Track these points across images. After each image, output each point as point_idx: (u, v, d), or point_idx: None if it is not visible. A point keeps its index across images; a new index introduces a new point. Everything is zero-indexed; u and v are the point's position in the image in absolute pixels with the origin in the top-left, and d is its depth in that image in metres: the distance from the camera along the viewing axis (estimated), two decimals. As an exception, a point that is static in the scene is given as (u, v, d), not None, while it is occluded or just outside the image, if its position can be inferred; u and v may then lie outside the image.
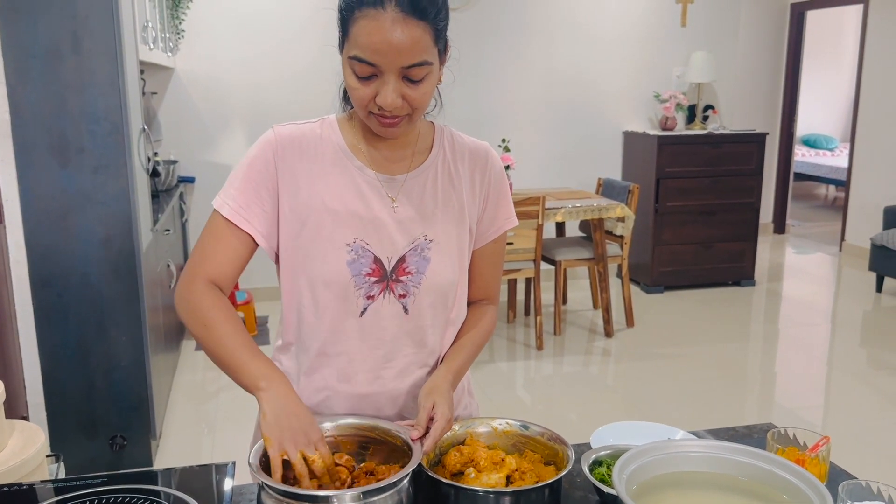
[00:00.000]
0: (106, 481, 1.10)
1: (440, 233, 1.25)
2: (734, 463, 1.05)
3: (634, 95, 5.73)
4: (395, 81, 1.09)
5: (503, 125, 5.43)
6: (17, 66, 2.51)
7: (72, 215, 2.64)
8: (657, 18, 5.65)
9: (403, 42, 1.06)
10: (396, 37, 1.05)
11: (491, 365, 4.18)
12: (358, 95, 1.12)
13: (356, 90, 1.12)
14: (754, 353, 4.46)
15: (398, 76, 1.09)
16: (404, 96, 1.11)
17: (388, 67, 1.08)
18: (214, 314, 1.17)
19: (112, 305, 2.75)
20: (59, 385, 2.74)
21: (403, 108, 1.13)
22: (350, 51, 1.10)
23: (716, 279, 5.62)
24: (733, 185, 5.49)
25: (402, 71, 1.09)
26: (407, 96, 1.11)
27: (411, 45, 1.07)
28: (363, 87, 1.11)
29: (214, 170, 4.98)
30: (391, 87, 1.09)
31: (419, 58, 1.08)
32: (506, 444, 1.22)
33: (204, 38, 4.81)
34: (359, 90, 1.12)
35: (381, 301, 1.23)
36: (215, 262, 1.20)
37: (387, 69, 1.08)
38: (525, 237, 4.21)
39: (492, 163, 1.32)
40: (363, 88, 1.11)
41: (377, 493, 1.00)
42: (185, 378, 3.95)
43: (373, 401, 1.26)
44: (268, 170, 1.21)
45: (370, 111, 1.14)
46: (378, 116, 1.14)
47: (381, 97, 1.10)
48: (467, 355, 1.30)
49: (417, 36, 1.07)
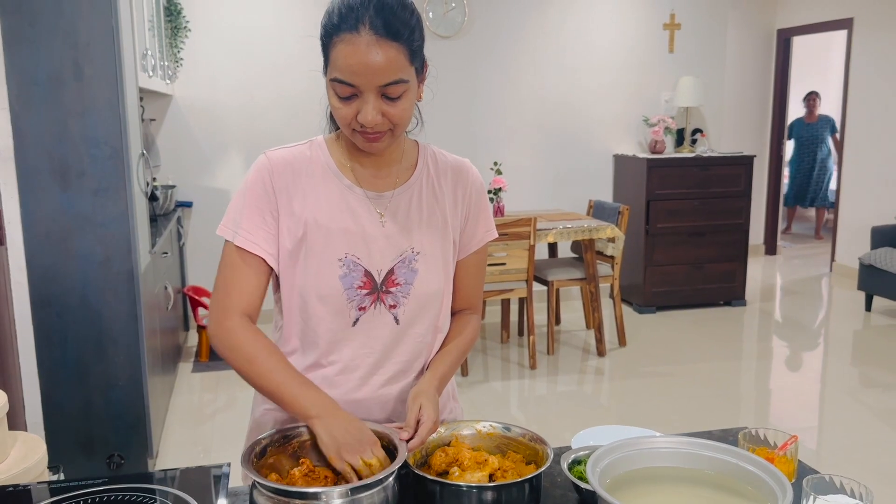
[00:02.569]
0: (106, 481, 1.15)
1: (426, 245, 1.31)
2: (703, 458, 1.10)
3: (624, 119, 5.84)
4: (375, 100, 1.17)
5: (496, 148, 5.53)
6: (20, 92, 2.59)
7: (72, 237, 2.71)
8: (645, 45, 5.78)
9: (379, 62, 1.13)
10: (372, 58, 1.13)
11: (485, 384, 4.23)
12: (341, 115, 1.20)
13: (339, 110, 1.20)
14: (746, 372, 4.51)
15: (377, 95, 1.16)
16: (384, 113, 1.18)
17: (367, 87, 1.15)
18: (256, 349, 1.24)
19: (111, 325, 2.80)
20: (58, 403, 2.79)
21: (384, 125, 1.20)
22: (331, 73, 1.18)
23: (707, 299, 5.68)
24: (723, 207, 5.58)
25: (379, 90, 1.16)
26: (387, 113, 1.18)
27: (386, 65, 1.14)
28: (345, 107, 1.19)
29: (212, 194, 5.06)
30: (371, 106, 1.17)
31: (395, 76, 1.15)
32: (489, 445, 1.28)
33: (201, 65, 4.92)
34: (341, 110, 1.19)
35: (373, 312, 1.29)
36: (240, 294, 1.27)
37: (365, 88, 1.16)
38: (517, 258, 4.28)
39: (472, 178, 1.39)
40: (345, 108, 1.19)
41: (364, 490, 1.05)
42: (181, 400, 3.98)
43: (363, 405, 1.32)
44: (266, 193, 1.27)
45: (354, 129, 1.21)
46: (361, 133, 1.21)
47: (362, 115, 1.17)
48: (452, 362, 1.36)
49: (392, 56, 1.14)
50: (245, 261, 1.27)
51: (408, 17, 1.16)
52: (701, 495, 1.07)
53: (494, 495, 1.11)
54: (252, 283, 1.27)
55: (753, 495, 1.03)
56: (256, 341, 1.25)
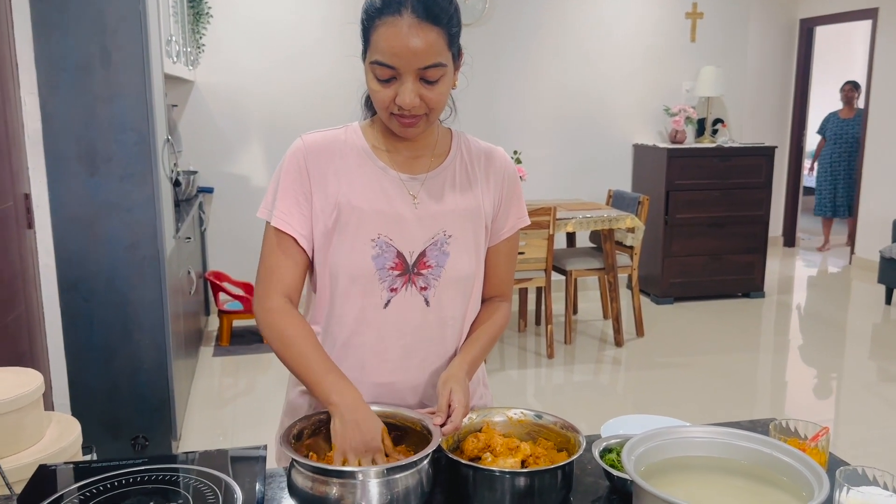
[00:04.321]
0: (146, 461, 1.17)
1: (458, 229, 1.33)
2: (737, 448, 1.11)
3: (644, 109, 5.81)
4: (413, 83, 1.19)
5: (516, 137, 5.52)
6: (48, 79, 2.62)
7: (99, 222, 2.74)
8: (667, 34, 5.74)
9: (419, 45, 1.16)
10: (412, 41, 1.15)
11: (502, 373, 4.24)
12: (379, 98, 1.22)
13: (378, 93, 1.21)
14: (764, 364, 4.50)
15: (415, 78, 1.19)
16: (421, 97, 1.20)
17: (406, 69, 1.17)
18: (291, 332, 1.27)
19: (136, 309, 2.83)
20: (85, 386, 2.83)
21: (421, 108, 1.22)
22: (371, 56, 1.20)
23: (725, 291, 5.66)
24: (743, 198, 5.55)
25: (418, 72, 1.18)
26: (424, 97, 1.20)
27: (426, 48, 1.16)
28: (384, 90, 1.21)
29: (232, 181, 5.09)
30: (409, 88, 1.19)
31: (434, 59, 1.18)
32: (520, 432, 1.29)
33: (223, 52, 4.93)
34: (380, 93, 1.21)
35: (404, 293, 1.31)
36: (279, 275, 1.30)
37: (405, 71, 1.18)
38: (536, 247, 4.27)
39: (505, 165, 1.40)
40: (384, 91, 1.21)
41: (399, 471, 1.07)
42: (203, 383, 4.03)
43: (395, 389, 1.34)
44: (301, 175, 1.29)
45: (391, 112, 1.23)
46: (398, 117, 1.23)
47: (401, 97, 1.19)
48: (482, 347, 1.37)
49: (431, 40, 1.16)
50: (282, 242, 1.30)
51: (447, 4, 1.19)
52: (735, 485, 1.08)
53: (527, 481, 1.12)
54: (290, 264, 1.30)
55: (788, 486, 1.03)
56: (292, 324, 1.27)
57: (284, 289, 1.30)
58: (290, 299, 1.30)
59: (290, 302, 1.30)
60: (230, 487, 1.10)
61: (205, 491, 1.09)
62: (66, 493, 1.08)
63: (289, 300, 1.30)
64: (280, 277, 1.30)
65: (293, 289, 1.31)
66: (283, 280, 1.30)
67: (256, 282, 1.33)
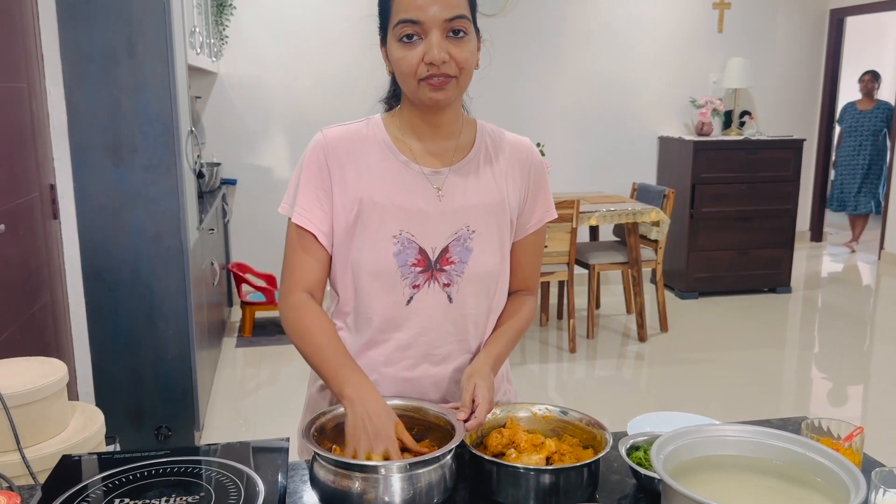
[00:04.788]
0: (168, 453, 1.17)
1: (482, 224, 1.30)
2: (770, 447, 1.08)
3: (670, 101, 5.74)
4: (440, 38, 1.17)
5: (539, 129, 5.47)
6: (74, 69, 2.63)
7: (124, 212, 2.75)
8: (694, 24, 5.66)
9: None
10: None
11: (523, 367, 4.22)
12: (406, 63, 1.19)
13: (404, 58, 1.19)
14: (790, 360, 4.43)
15: (442, 33, 1.17)
16: (450, 54, 1.18)
17: (432, 22, 1.16)
18: (310, 326, 1.26)
19: (161, 300, 2.84)
20: (109, 376, 2.85)
21: (450, 67, 1.19)
22: (395, 19, 1.19)
23: (751, 286, 5.59)
24: (770, 192, 5.46)
25: (445, 25, 1.17)
26: (452, 54, 1.18)
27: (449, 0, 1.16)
28: (410, 52, 1.19)
29: (255, 173, 5.10)
30: (436, 42, 1.17)
31: (459, 11, 1.17)
32: (545, 428, 1.27)
33: (246, 43, 4.94)
34: (406, 57, 1.19)
35: (427, 290, 1.29)
36: (300, 271, 1.29)
37: (431, 24, 1.17)
38: (559, 240, 4.24)
39: (532, 157, 1.37)
40: (411, 53, 1.19)
41: (422, 466, 1.06)
42: (225, 374, 4.05)
43: (417, 385, 1.32)
44: (321, 171, 1.28)
45: (420, 78, 1.20)
46: (427, 81, 1.20)
47: (429, 53, 1.17)
48: (507, 342, 1.35)
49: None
50: (303, 238, 1.29)
51: None
52: (767, 485, 1.05)
53: (553, 478, 1.10)
54: (311, 261, 1.29)
55: (823, 487, 1.00)
56: (310, 318, 1.26)
57: (306, 285, 1.29)
58: (313, 295, 1.30)
59: (312, 298, 1.29)
60: (252, 480, 1.09)
61: (227, 484, 1.08)
62: (88, 485, 1.08)
63: (311, 296, 1.29)
64: (302, 274, 1.29)
65: (316, 285, 1.30)
66: (304, 277, 1.29)
67: (281, 278, 1.33)
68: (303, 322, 1.26)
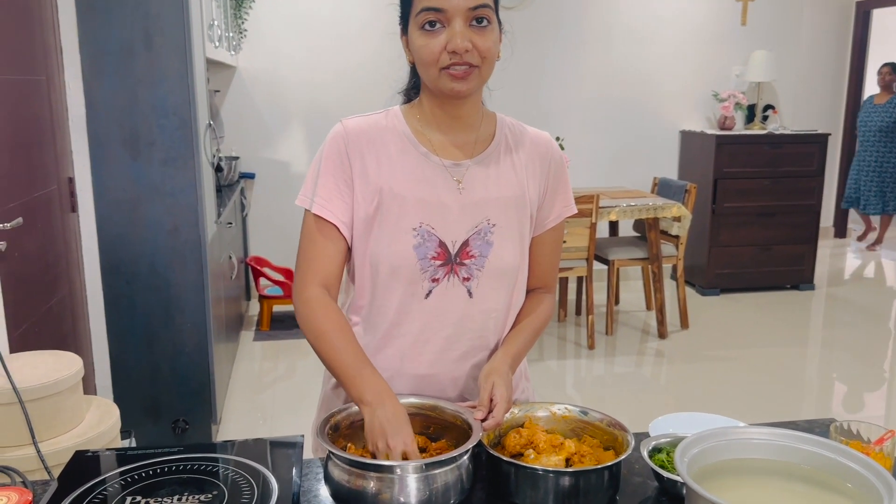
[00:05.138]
0: (182, 450, 1.15)
1: (502, 217, 1.28)
2: (797, 451, 1.04)
3: (692, 94, 5.66)
4: (463, 26, 1.15)
5: (558, 123, 5.42)
6: (92, 62, 2.63)
7: (141, 206, 2.75)
8: (717, 16, 5.57)
9: None
10: None
11: (541, 363, 4.19)
12: (428, 51, 1.17)
13: (426, 46, 1.17)
14: (812, 358, 4.36)
15: (465, 21, 1.15)
16: (473, 43, 1.16)
17: (456, 10, 1.15)
18: (327, 325, 1.23)
19: (178, 293, 2.84)
20: (126, 369, 2.85)
21: (473, 56, 1.17)
22: (417, 7, 1.17)
23: (774, 282, 5.51)
24: (794, 187, 5.38)
25: (468, 14, 1.15)
26: (475, 43, 1.16)
27: None
28: (432, 40, 1.17)
29: (274, 166, 5.10)
30: (459, 30, 1.15)
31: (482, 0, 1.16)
32: (564, 428, 1.24)
33: (265, 37, 4.93)
34: (428, 45, 1.17)
35: (446, 284, 1.26)
36: (318, 263, 1.26)
37: (454, 12, 1.15)
38: (578, 236, 4.20)
39: (552, 151, 1.34)
40: (433, 41, 1.17)
41: (439, 466, 1.03)
42: (243, 367, 4.05)
43: (435, 382, 1.30)
44: (342, 162, 1.26)
45: (441, 68, 1.18)
46: (449, 71, 1.18)
47: (452, 41, 1.15)
48: (525, 340, 1.32)
49: None
50: (322, 230, 1.26)
51: None
52: (794, 490, 1.01)
53: (572, 481, 1.07)
54: (329, 253, 1.27)
55: (853, 493, 0.97)
56: (328, 317, 1.24)
57: (323, 278, 1.26)
58: (329, 289, 1.27)
59: (327, 293, 1.26)
60: (266, 479, 1.07)
61: (240, 482, 1.06)
62: (101, 482, 1.06)
63: (326, 290, 1.26)
64: (319, 266, 1.26)
65: (332, 278, 1.28)
66: (322, 269, 1.26)
67: (295, 271, 1.30)
68: (318, 321, 1.24)
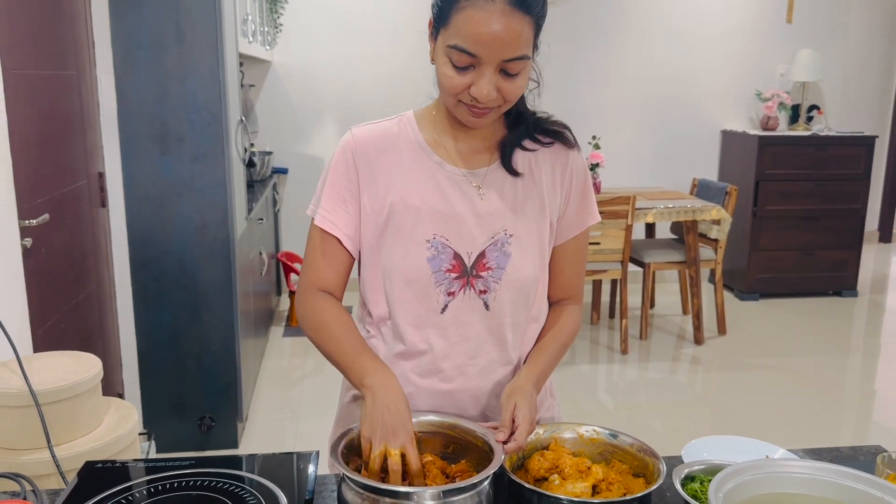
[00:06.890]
0: (193, 464, 1.11)
1: (520, 228, 1.22)
2: (840, 487, 0.97)
3: (734, 93, 5.51)
4: (492, 74, 1.09)
5: (595, 122, 5.31)
6: (124, 57, 2.62)
7: (171, 202, 2.74)
8: (762, 13, 5.41)
9: (508, 35, 1.05)
10: (502, 29, 1.04)
11: (573, 367, 4.11)
12: (451, 84, 1.11)
13: (450, 78, 1.11)
14: (853, 369, 4.22)
15: (496, 69, 1.08)
16: (499, 89, 1.10)
17: (489, 59, 1.07)
18: (326, 317, 1.21)
19: (206, 290, 2.83)
20: (153, 365, 2.85)
21: (496, 101, 1.12)
22: (449, 39, 1.08)
23: (815, 288, 5.35)
24: (838, 190, 5.21)
25: (501, 64, 1.08)
26: (502, 89, 1.10)
27: (515, 39, 1.06)
28: (459, 77, 1.10)
29: (307, 162, 5.08)
30: (487, 80, 1.08)
31: (520, 52, 1.08)
32: (592, 452, 1.18)
33: (301, 33, 4.91)
34: (453, 79, 1.11)
35: (462, 297, 1.21)
36: (319, 272, 1.24)
37: (487, 61, 1.07)
38: (613, 237, 4.11)
39: (574, 157, 1.27)
40: (459, 78, 1.10)
41: (457, 493, 0.98)
42: (271, 364, 4.04)
43: (455, 398, 1.24)
44: (349, 172, 1.22)
45: (460, 100, 1.12)
46: (469, 107, 1.13)
47: (477, 89, 1.09)
48: (550, 356, 1.26)
49: (521, 30, 1.06)
50: (325, 240, 1.23)
51: None
52: (837, 530, 0.94)
53: (598, 511, 1.01)
54: (331, 264, 1.24)
55: (903, 537, 0.89)
56: (327, 310, 1.22)
57: (323, 285, 1.24)
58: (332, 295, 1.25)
59: (329, 295, 1.24)
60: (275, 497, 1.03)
61: (249, 500, 1.02)
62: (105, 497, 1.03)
63: (328, 294, 1.24)
64: (319, 275, 1.24)
65: (333, 286, 1.25)
66: (321, 278, 1.24)
67: (299, 279, 1.28)
68: (318, 314, 1.22)
